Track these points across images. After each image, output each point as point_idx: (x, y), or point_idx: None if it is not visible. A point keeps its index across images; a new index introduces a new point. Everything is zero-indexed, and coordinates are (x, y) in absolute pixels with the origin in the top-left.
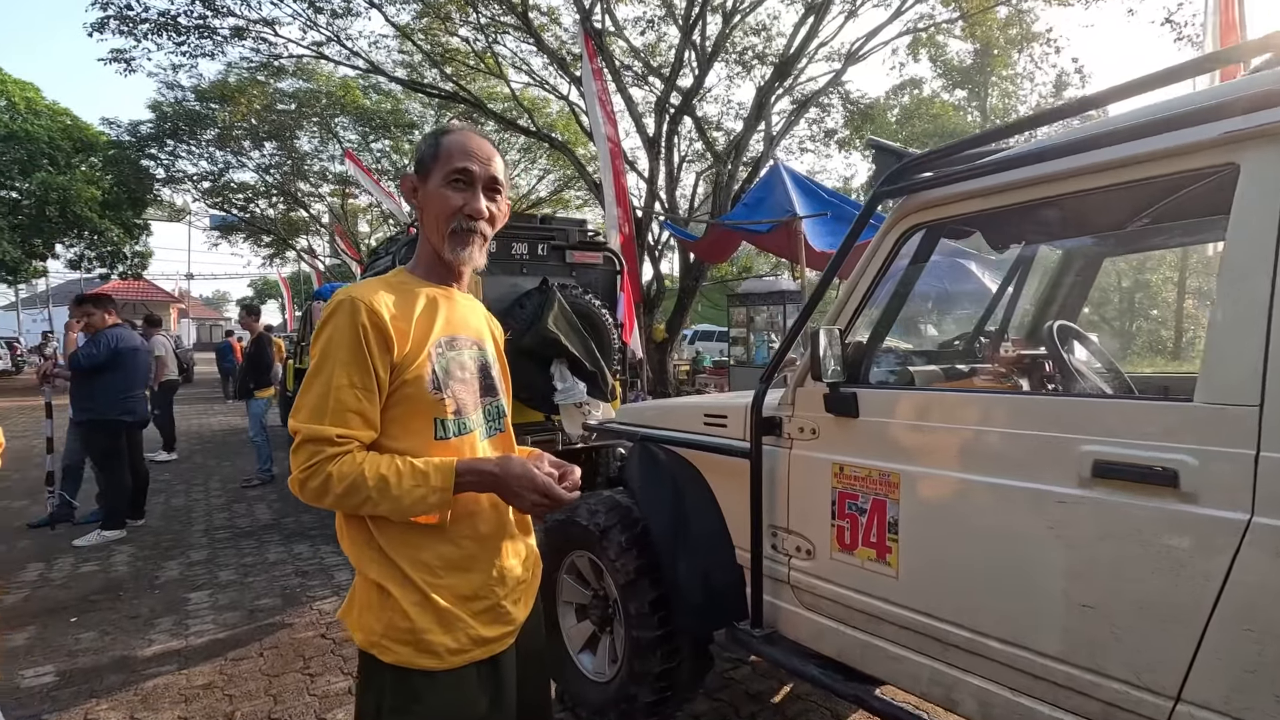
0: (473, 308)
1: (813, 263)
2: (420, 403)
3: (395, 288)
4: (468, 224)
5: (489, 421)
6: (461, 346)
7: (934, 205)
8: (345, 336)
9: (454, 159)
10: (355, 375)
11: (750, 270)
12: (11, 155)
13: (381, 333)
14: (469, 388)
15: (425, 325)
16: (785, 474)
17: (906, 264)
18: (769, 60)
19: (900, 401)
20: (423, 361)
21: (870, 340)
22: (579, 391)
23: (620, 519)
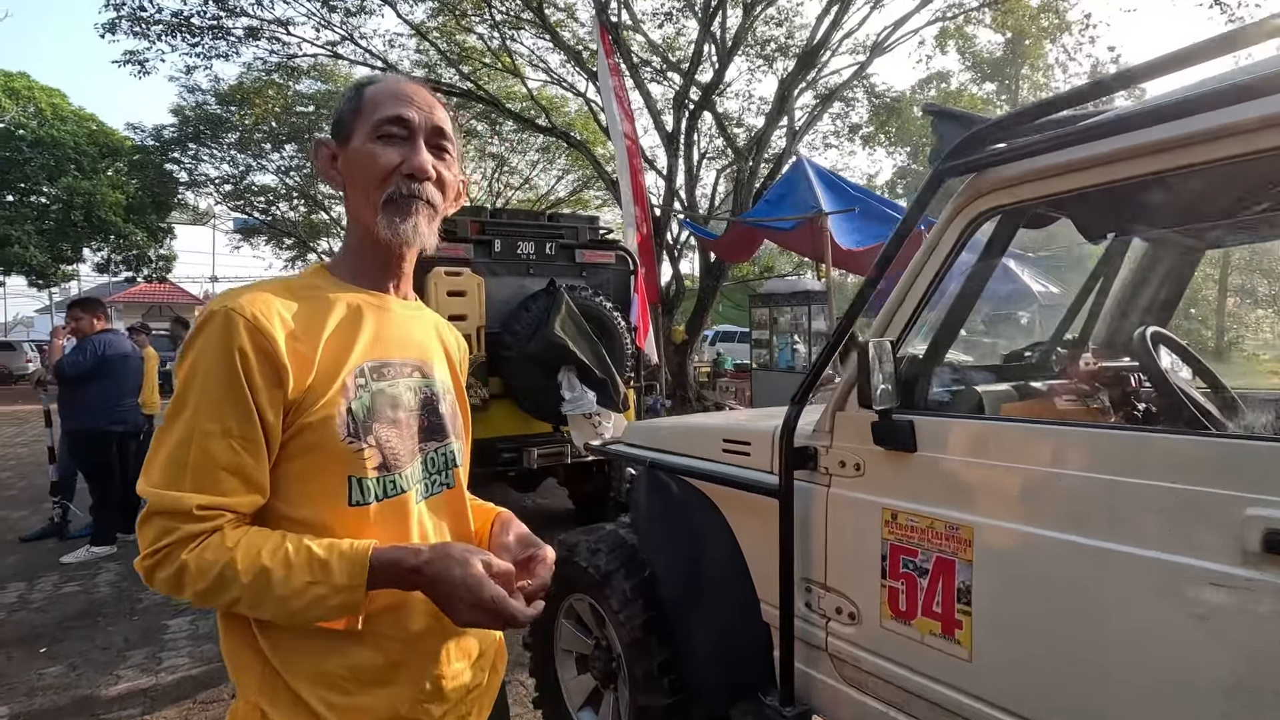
0: (417, 319)
1: (839, 261)
2: (328, 455)
3: (298, 293)
4: (409, 186)
5: (430, 475)
6: (395, 375)
7: (1013, 184)
8: (215, 365)
9: (383, 106)
10: (230, 419)
11: (772, 270)
12: (39, 161)
13: (269, 359)
14: (403, 431)
15: (339, 346)
16: (822, 518)
17: (975, 259)
18: (791, 53)
19: (972, 433)
20: (334, 398)
21: (929, 355)
22: (588, 401)
23: (624, 562)
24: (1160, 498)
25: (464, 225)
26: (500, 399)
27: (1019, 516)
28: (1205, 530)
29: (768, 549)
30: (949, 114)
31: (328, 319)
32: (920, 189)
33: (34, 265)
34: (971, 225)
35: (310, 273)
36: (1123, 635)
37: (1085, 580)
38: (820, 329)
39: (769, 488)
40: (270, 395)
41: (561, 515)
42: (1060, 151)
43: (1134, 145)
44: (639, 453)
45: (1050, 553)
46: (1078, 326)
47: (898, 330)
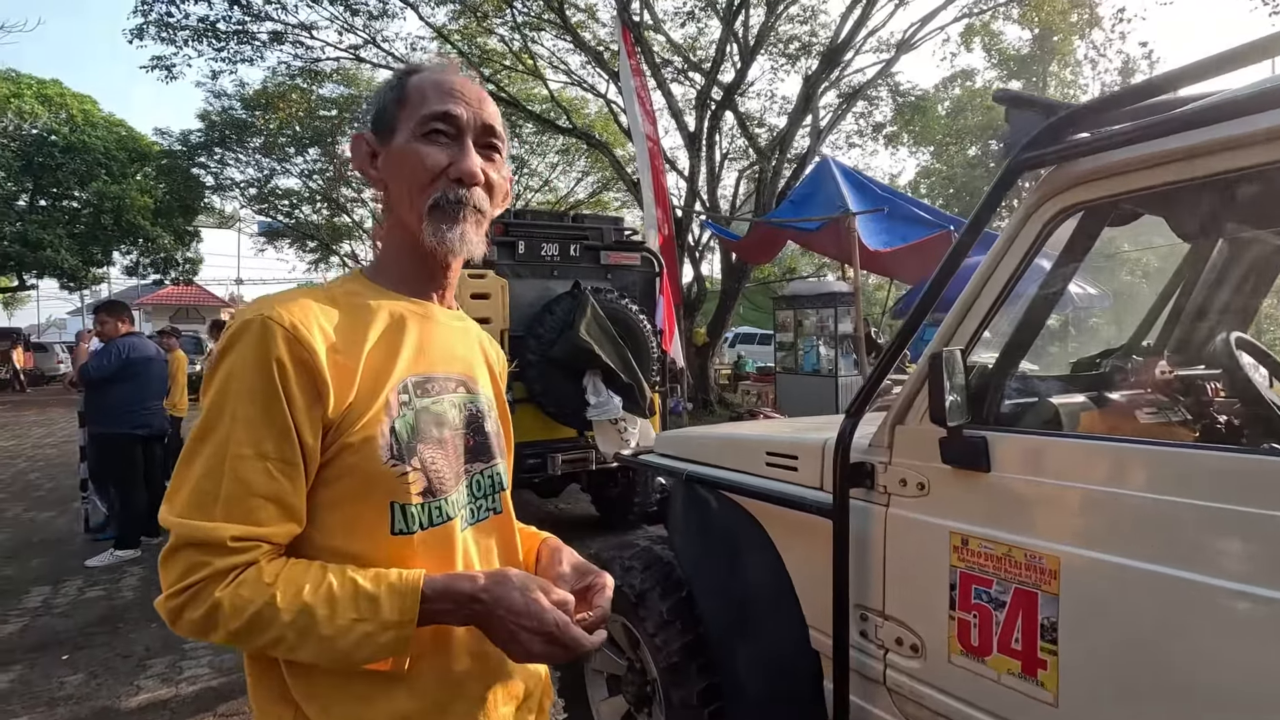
0: (462, 331)
1: (866, 263)
2: (369, 479)
3: (340, 301)
4: (456, 191)
5: (477, 499)
6: (440, 390)
7: (1101, 177)
8: (250, 379)
9: (430, 101)
10: (266, 440)
11: (795, 271)
12: (71, 166)
13: (309, 373)
14: (449, 452)
15: (383, 359)
16: (880, 540)
17: (1055, 260)
18: (815, 51)
19: (1056, 452)
20: (376, 415)
21: (1001, 364)
22: (614, 406)
23: (660, 581)
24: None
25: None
26: (524, 403)
27: (1115, 547)
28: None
29: (818, 571)
30: (1024, 100)
31: (370, 329)
32: (993, 183)
33: (65, 268)
34: (1051, 223)
35: (350, 279)
36: (1234, 685)
37: (1193, 621)
38: (847, 331)
39: (820, 506)
40: (310, 413)
41: (586, 522)
42: (1159, 140)
43: (1252, 132)
44: (673, 464)
45: (1151, 588)
46: (1147, 331)
47: (966, 338)
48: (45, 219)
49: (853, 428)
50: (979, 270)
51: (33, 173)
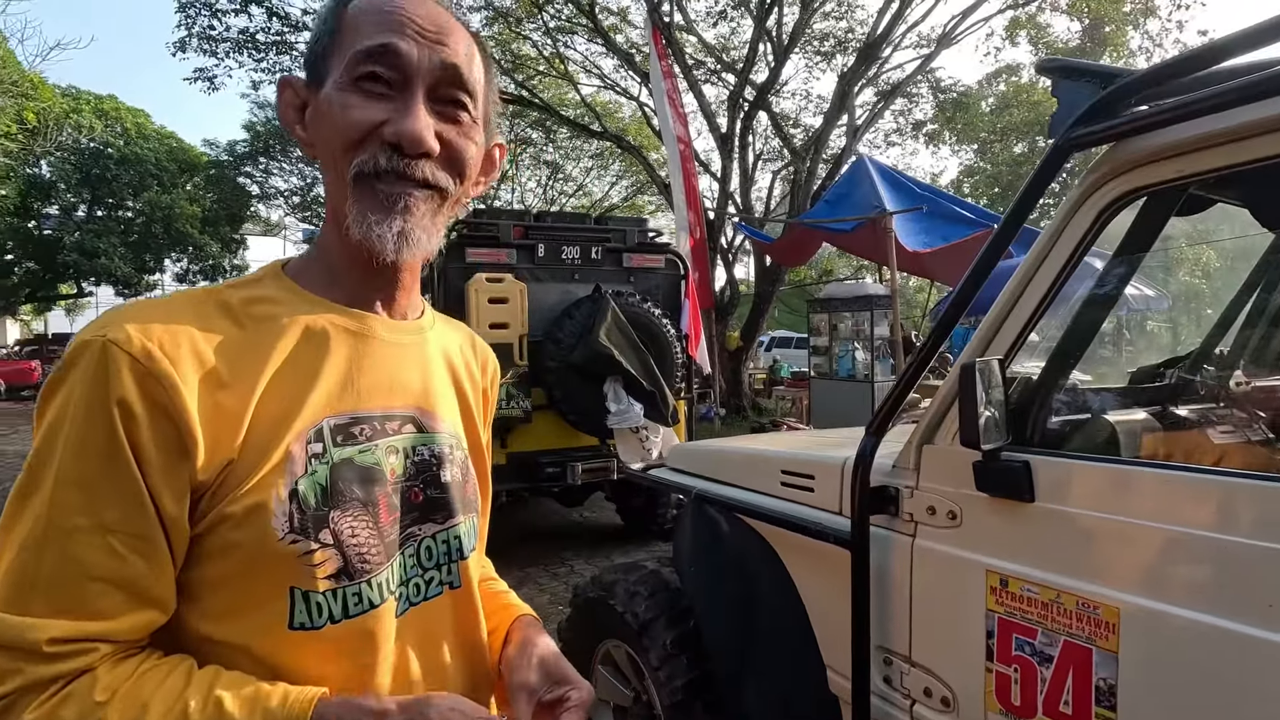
0: (414, 346)
1: (904, 264)
2: (259, 562)
3: (234, 311)
4: (390, 159)
5: (425, 571)
6: (374, 434)
7: (1170, 155)
8: (83, 427)
9: (363, 33)
10: (108, 507)
11: (831, 273)
12: (125, 178)
13: (168, 419)
14: (380, 516)
15: (289, 395)
16: (905, 575)
17: (1112, 255)
18: (851, 48)
19: (1114, 481)
20: (271, 475)
21: (1047, 377)
22: (635, 414)
23: (666, 609)
24: None
25: (507, 229)
26: (544, 411)
27: (1189, 599)
28: None
29: (836, 607)
30: (1075, 69)
31: (273, 351)
32: (1038, 166)
33: (120, 275)
34: (1107, 211)
35: (260, 278)
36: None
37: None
38: (883, 335)
39: (837, 534)
40: (170, 474)
41: (610, 531)
42: (1244, 108)
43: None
44: (684, 480)
45: (1230, 651)
46: (1220, 336)
47: (1005, 346)
48: (101, 228)
49: (874, 447)
50: (1021, 267)
51: (90, 184)
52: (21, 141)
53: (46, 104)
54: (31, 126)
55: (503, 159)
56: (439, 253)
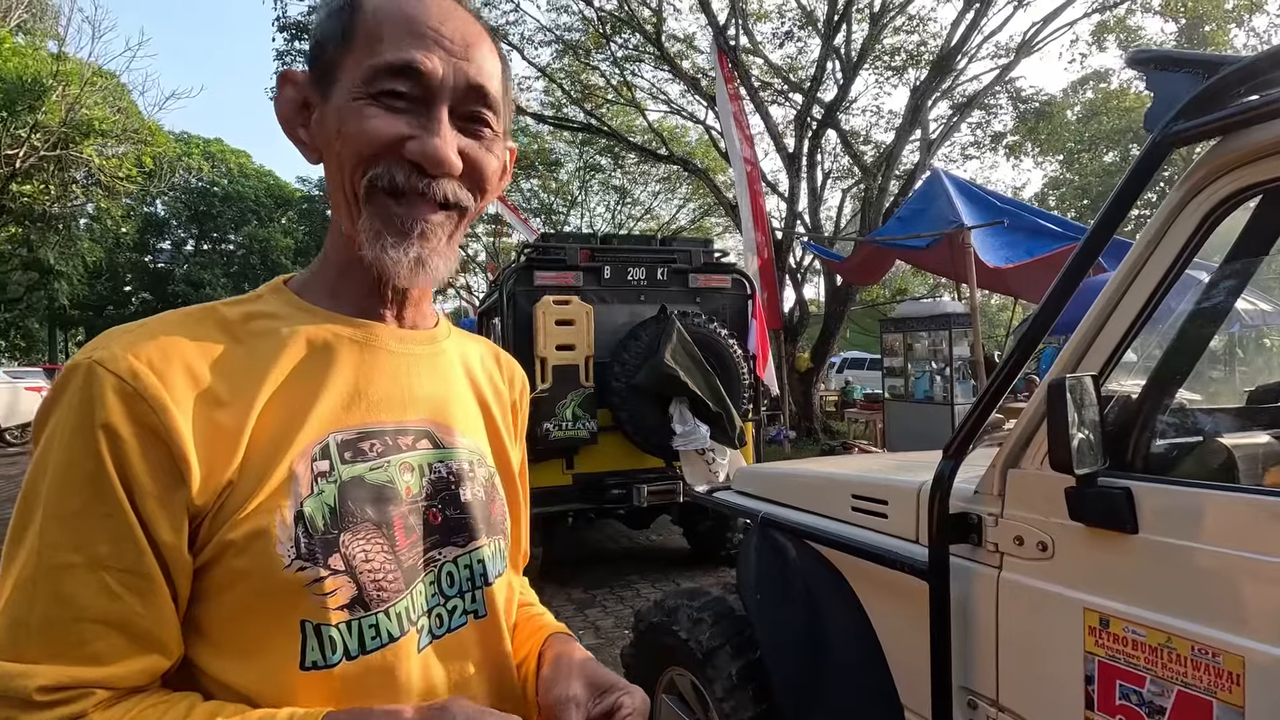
0: (429, 357)
1: (984, 281)
2: (265, 592)
3: (232, 327)
4: (409, 176)
5: (448, 599)
6: (386, 450)
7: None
8: (69, 455)
9: (387, 43)
10: (99, 542)
11: (906, 292)
12: (228, 214)
13: (159, 443)
14: (396, 538)
15: (291, 410)
16: (990, 610)
17: (1222, 260)
18: (924, 61)
19: (1233, 511)
20: (273, 497)
21: (1150, 394)
22: (701, 436)
23: (732, 638)
24: None
25: (574, 252)
26: (610, 432)
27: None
28: None
29: (914, 643)
30: (1171, 59)
31: (273, 365)
32: (1135, 164)
33: None
34: (1216, 212)
35: (261, 294)
36: None
37: None
38: (963, 355)
39: (913, 564)
40: (165, 501)
41: (677, 555)
42: None
43: None
44: (750, 504)
45: None
46: None
47: (1100, 361)
48: (206, 260)
49: (953, 470)
50: (1116, 275)
51: (198, 220)
52: (140, 184)
53: (162, 149)
54: (149, 170)
55: (513, 162)
56: (510, 276)
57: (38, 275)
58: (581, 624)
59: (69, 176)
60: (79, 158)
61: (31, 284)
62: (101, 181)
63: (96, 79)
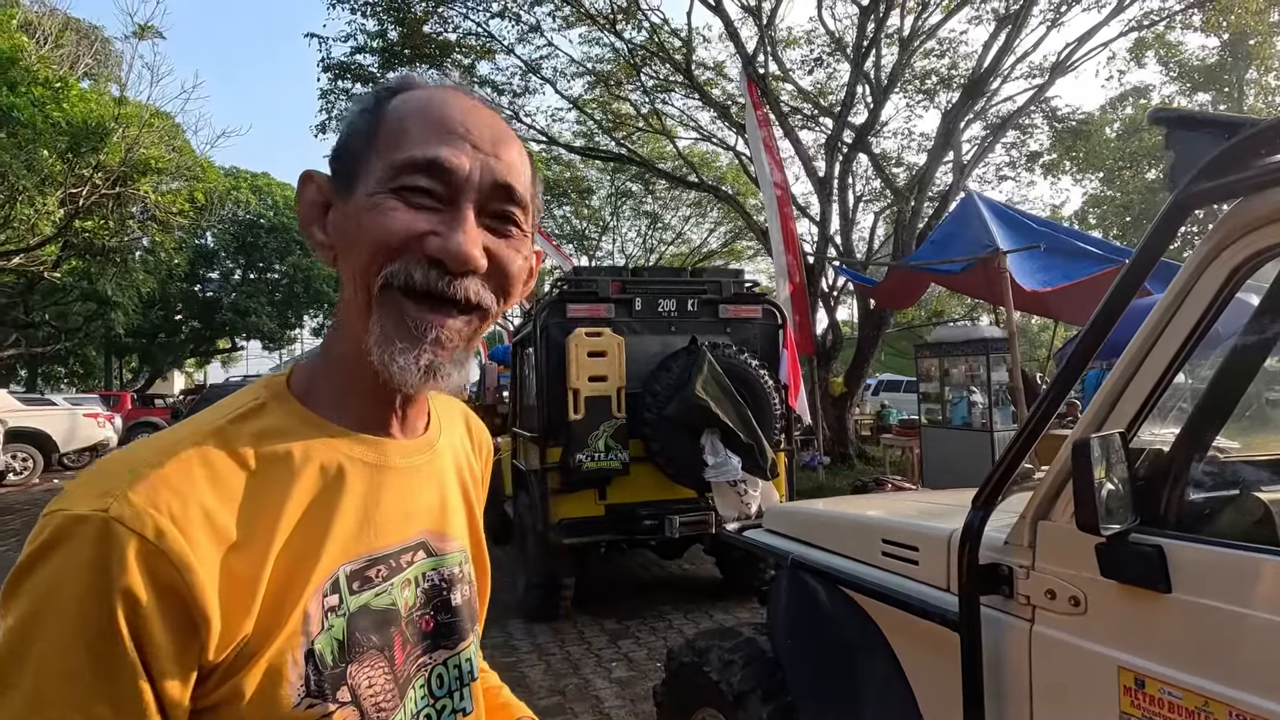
0: (428, 467)
1: (1021, 304)
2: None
3: (245, 453)
4: (428, 277)
5: (438, 700)
6: (390, 572)
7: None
8: (76, 617)
9: (412, 139)
10: (98, 701)
11: (942, 315)
12: (273, 244)
13: (181, 600)
14: (393, 658)
15: (305, 548)
16: (1024, 665)
17: (1253, 313)
18: (956, 83)
19: (1275, 573)
20: (286, 642)
21: (1182, 448)
22: (733, 467)
23: (763, 681)
24: None
25: (605, 285)
26: (641, 463)
27: None
28: None
29: (947, 694)
30: (1191, 120)
31: (288, 500)
32: (1156, 222)
33: (266, 331)
34: (1239, 272)
35: (263, 403)
36: None
37: None
38: (1001, 380)
39: (944, 614)
40: (177, 659)
41: (709, 586)
42: None
43: None
44: (781, 544)
45: None
46: None
47: (1128, 417)
48: (252, 290)
49: (983, 520)
50: (1141, 331)
51: (245, 251)
52: (192, 218)
53: (213, 184)
54: (200, 204)
55: (539, 266)
56: (543, 308)
57: (96, 306)
58: (614, 655)
59: (127, 212)
60: (136, 194)
61: (90, 314)
62: (156, 216)
63: (154, 120)
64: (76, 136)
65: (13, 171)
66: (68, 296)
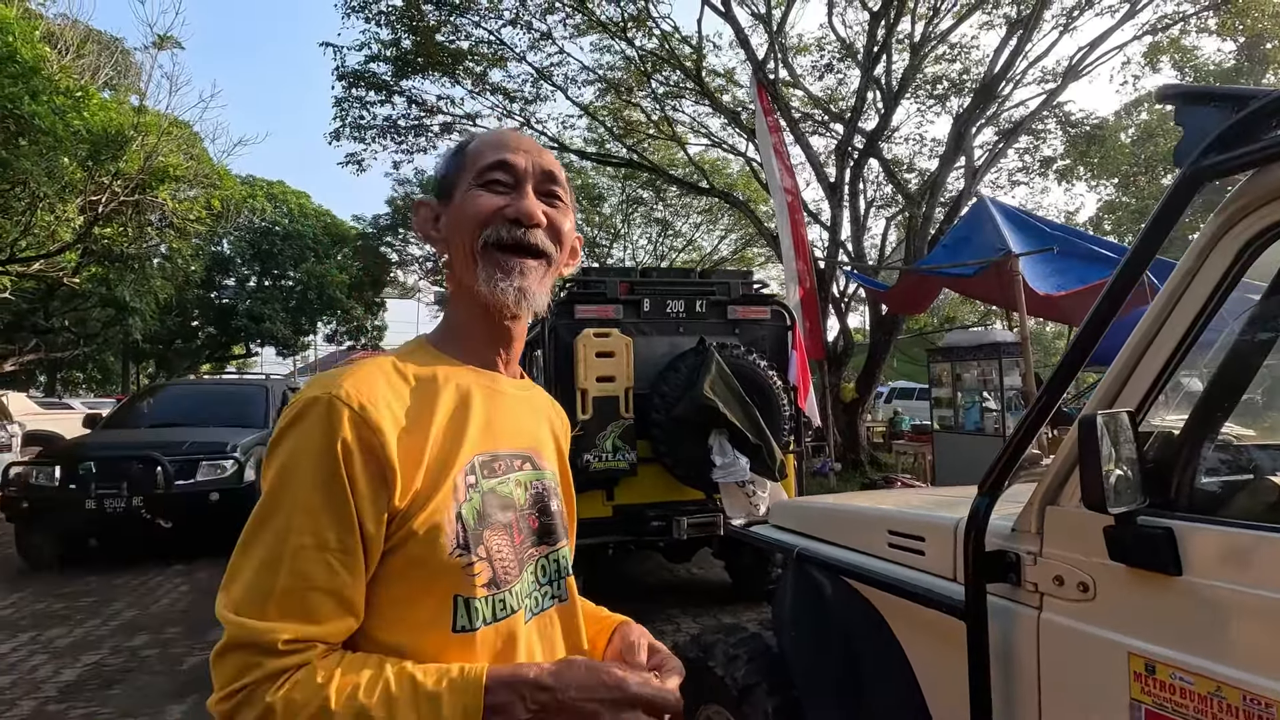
0: (528, 400)
1: (1034, 309)
2: (433, 572)
3: (408, 374)
4: (511, 232)
5: (541, 586)
6: (506, 469)
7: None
8: (315, 463)
9: (486, 155)
10: (328, 529)
11: (954, 320)
12: (288, 251)
13: (376, 458)
14: (513, 537)
15: (452, 438)
16: (1031, 653)
17: (1266, 291)
18: (967, 88)
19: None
20: (443, 501)
21: (1193, 429)
22: (741, 468)
23: (768, 675)
24: None
25: (613, 285)
26: (649, 463)
27: None
28: None
29: (954, 685)
30: (1201, 94)
31: (437, 406)
32: (1164, 200)
33: (280, 337)
34: (1253, 245)
35: (416, 348)
36: None
37: None
38: (1014, 385)
39: (950, 603)
40: (374, 501)
41: (718, 589)
42: None
43: None
44: (787, 539)
45: None
46: None
47: (1138, 397)
48: (267, 296)
49: (988, 506)
50: (1152, 309)
51: (260, 259)
52: (209, 225)
53: (229, 192)
54: (217, 212)
55: (581, 246)
56: (550, 311)
57: (114, 311)
58: None
59: (145, 219)
60: (155, 202)
61: (108, 320)
62: (174, 223)
63: (172, 129)
64: (97, 144)
65: (34, 179)
66: (87, 302)
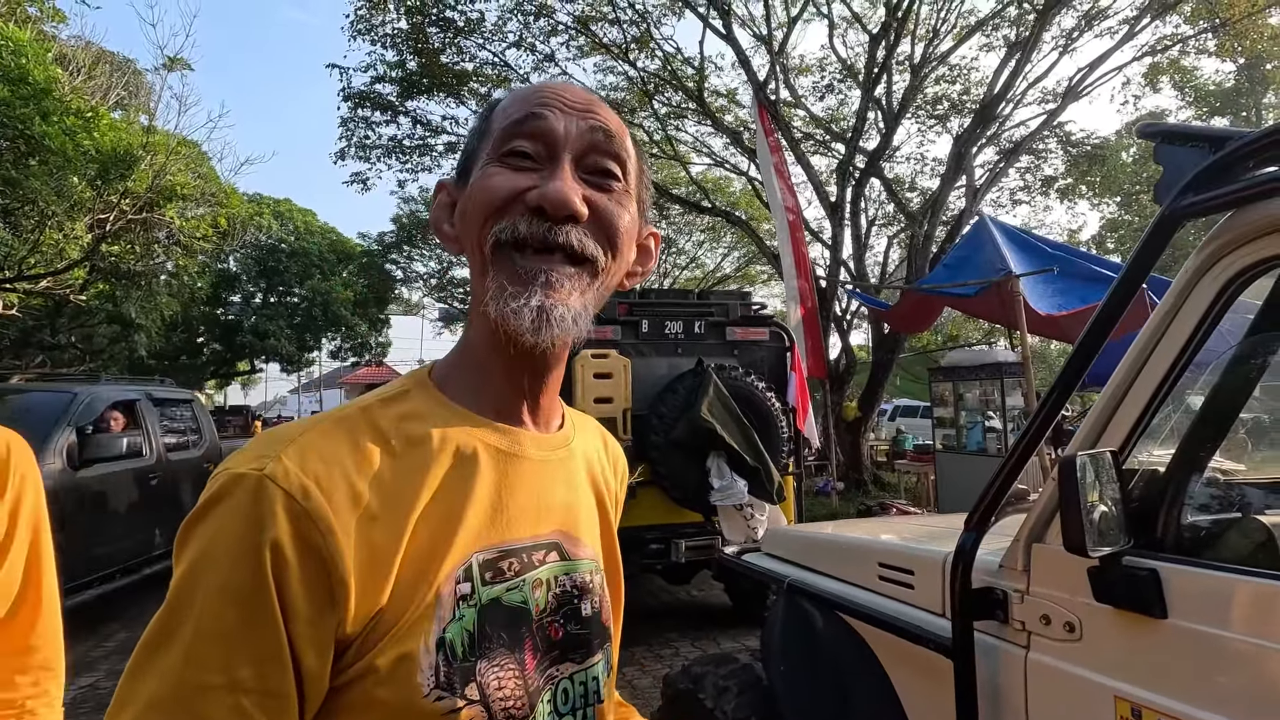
0: (562, 463)
1: (1035, 328)
2: (401, 718)
3: (387, 433)
4: (531, 227)
5: (560, 716)
6: (523, 568)
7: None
8: (229, 570)
9: (510, 113)
10: (243, 664)
11: (957, 339)
12: (294, 269)
13: (320, 565)
14: (523, 661)
15: (440, 529)
16: (1019, 693)
17: (1248, 328)
18: (967, 109)
19: (1275, 599)
20: (419, 623)
21: (1178, 468)
22: (739, 491)
23: (757, 709)
24: None
25: (612, 306)
26: (647, 486)
27: None
28: None
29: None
30: (1178, 133)
31: (425, 479)
32: (1144, 237)
33: (284, 354)
34: (1235, 283)
35: (409, 391)
36: None
37: None
38: (1017, 405)
39: (937, 640)
40: (316, 624)
41: (718, 612)
42: None
43: None
44: (778, 568)
45: None
46: None
47: (1120, 436)
48: (272, 313)
49: (974, 542)
50: (1134, 347)
51: (266, 275)
52: (215, 242)
53: (236, 210)
54: (224, 230)
55: (658, 247)
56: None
57: (120, 328)
58: (619, 683)
59: (152, 237)
60: (162, 220)
61: (114, 336)
62: (181, 241)
63: (181, 148)
64: (105, 164)
65: (43, 197)
66: (93, 319)
